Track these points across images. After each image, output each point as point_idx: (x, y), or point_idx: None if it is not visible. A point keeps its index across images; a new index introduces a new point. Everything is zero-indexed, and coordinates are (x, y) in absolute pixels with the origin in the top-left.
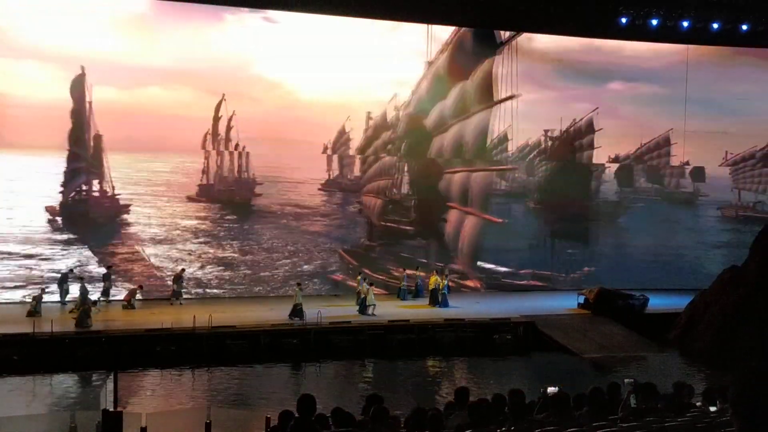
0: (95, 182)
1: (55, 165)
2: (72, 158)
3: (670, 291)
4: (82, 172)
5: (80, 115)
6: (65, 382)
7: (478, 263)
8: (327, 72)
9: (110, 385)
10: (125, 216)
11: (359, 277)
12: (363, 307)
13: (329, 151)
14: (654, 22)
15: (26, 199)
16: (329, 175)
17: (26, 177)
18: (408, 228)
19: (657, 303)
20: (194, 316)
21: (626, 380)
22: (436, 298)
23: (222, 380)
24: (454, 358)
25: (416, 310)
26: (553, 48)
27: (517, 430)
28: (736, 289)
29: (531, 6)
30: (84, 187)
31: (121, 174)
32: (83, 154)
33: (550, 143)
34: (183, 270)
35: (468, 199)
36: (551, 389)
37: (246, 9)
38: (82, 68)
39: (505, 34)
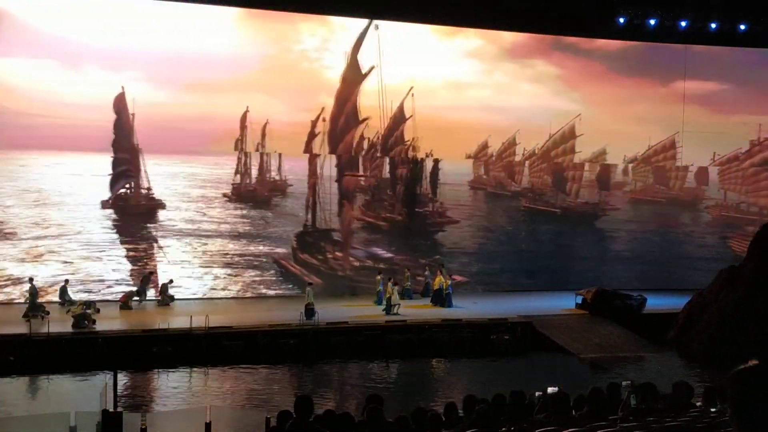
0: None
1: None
2: (116, 162)
3: (669, 291)
4: (124, 174)
5: (122, 127)
6: (63, 383)
7: None
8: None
9: (107, 385)
10: (160, 211)
11: (379, 277)
12: (388, 307)
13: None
14: (652, 21)
15: (81, 197)
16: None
17: (81, 176)
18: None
19: (655, 303)
20: (191, 317)
21: (624, 383)
22: (441, 298)
23: (219, 381)
24: (452, 358)
25: (418, 310)
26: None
27: (517, 430)
28: (734, 289)
29: (529, 6)
30: (126, 187)
31: (158, 175)
32: (125, 159)
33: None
34: (151, 273)
35: None
36: (551, 389)
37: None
38: (123, 88)
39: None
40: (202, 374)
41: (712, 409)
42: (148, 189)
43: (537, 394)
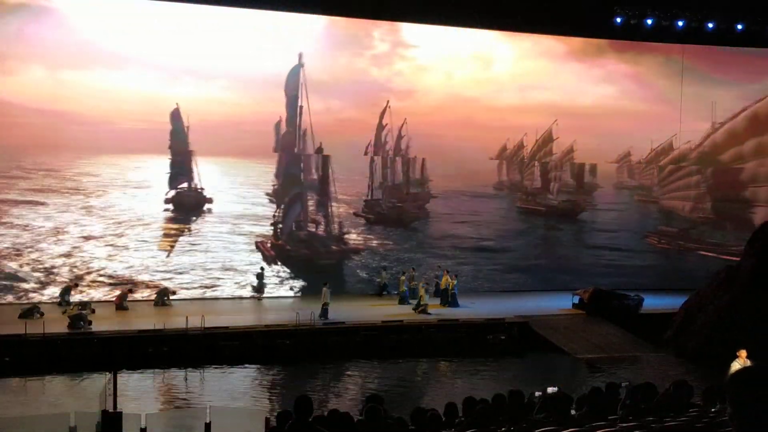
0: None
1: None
2: (173, 164)
3: (666, 291)
4: (179, 175)
5: (178, 136)
6: (60, 384)
7: None
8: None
9: (103, 386)
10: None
11: (403, 277)
12: (418, 306)
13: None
14: (649, 21)
15: (147, 196)
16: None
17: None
18: None
19: (652, 303)
20: (186, 317)
21: (623, 383)
22: (447, 298)
23: (216, 381)
24: (448, 358)
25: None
26: None
27: (517, 430)
28: (731, 288)
29: (526, 6)
30: (183, 186)
31: (210, 175)
32: (180, 161)
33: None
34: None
35: None
36: (551, 389)
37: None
38: (177, 105)
39: None
40: (198, 374)
41: (712, 409)
42: (201, 188)
43: (537, 393)
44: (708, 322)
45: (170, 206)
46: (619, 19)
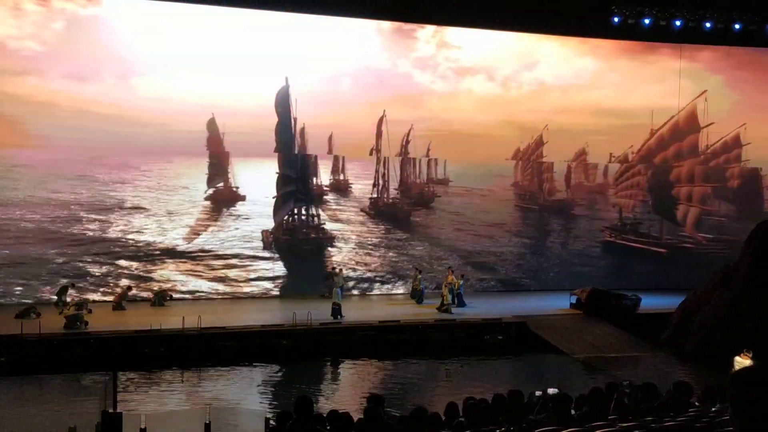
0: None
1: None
2: (210, 167)
3: (664, 291)
4: (215, 175)
5: (215, 141)
6: (57, 384)
7: None
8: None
9: (102, 387)
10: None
11: (420, 276)
12: (441, 306)
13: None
14: (646, 21)
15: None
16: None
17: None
18: None
19: (649, 303)
20: (183, 318)
21: (624, 383)
22: (453, 298)
23: (212, 381)
24: (446, 358)
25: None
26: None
27: (517, 430)
28: (728, 288)
29: (523, 6)
30: (219, 185)
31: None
32: (216, 163)
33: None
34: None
35: None
36: (551, 390)
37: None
38: (213, 114)
39: None
40: (195, 374)
41: (712, 409)
42: (236, 187)
43: (537, 393)
44: (705, 322)
45: (208, 203)
46: (616, 19)
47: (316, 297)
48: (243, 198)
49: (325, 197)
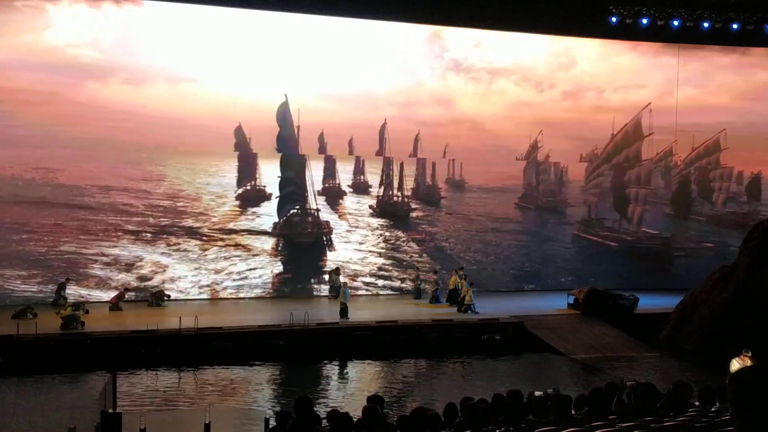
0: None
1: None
2: (239, 169)
3: (660, 291)
4: (244, 177)
5: (242, 147)
6: (55, 384)
7: None
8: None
9: (102, 387)
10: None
11: (435, 276)
12: (461, 305)
13: None
14: (644, 21)
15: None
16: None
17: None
18: None
19: (647, 303)
20: (180, 318)
21: (628, 383)
22: (456, 299)
23: (211, 381)
24: (442, 358)
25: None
26: None
27: (516, 430)
28: (726, 288)
29: (520, 5)
30: (249, 185)
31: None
32: (243, 165)
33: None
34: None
35: None
36: (551, 390)
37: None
38: (240, 123)
39: None
40: (192, 375)
41: (712, 409)
42: (263, 186)
43: (537, 393)
44: (703, 321)
45: (238, 201)
46: (614, 19)
47: (309, 297)
48: (269, 197)
49: (344, 197)
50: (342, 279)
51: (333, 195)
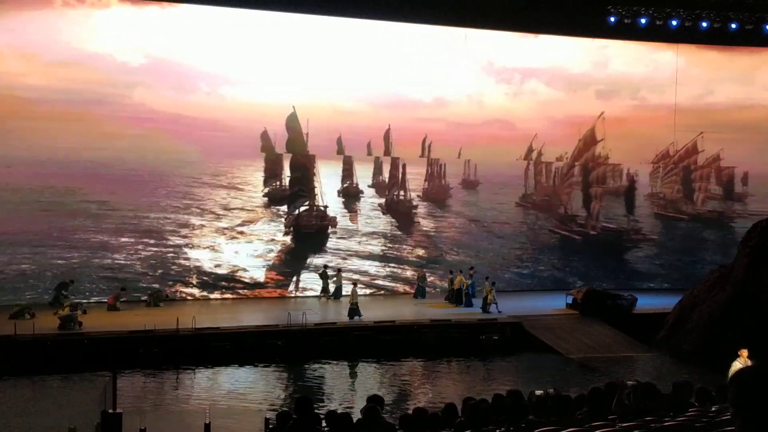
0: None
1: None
2: (266, 170)
3: (658, 291)
4: (270, 177)
5: (268, 149)
6: (53, 384)
7: None
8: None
9: (102, 387)
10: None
11: (455, 276)
12: (485, 305)
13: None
14: (643, 20)
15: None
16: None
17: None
18: None
19: (646, 303)
20: (177, 318)
21: (629, 382)
22: (461, 298)
23: (207, 381)
24: (440, 358)
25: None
26: None
27: (516, 430)
28: (724, 288)
29: (518, 5)
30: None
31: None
32: (270, 167)
33: None
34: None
35: None
36: (550, 391)
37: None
38: (265, 128)
39: None
40: (190, 375)
41: (711, 409)
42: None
43: (537, 393)
44: (701, 321)
45: (266, 199)
46: (612, 19)
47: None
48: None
49: (361, 197)
50: (337, 279)
51: (350, 195)
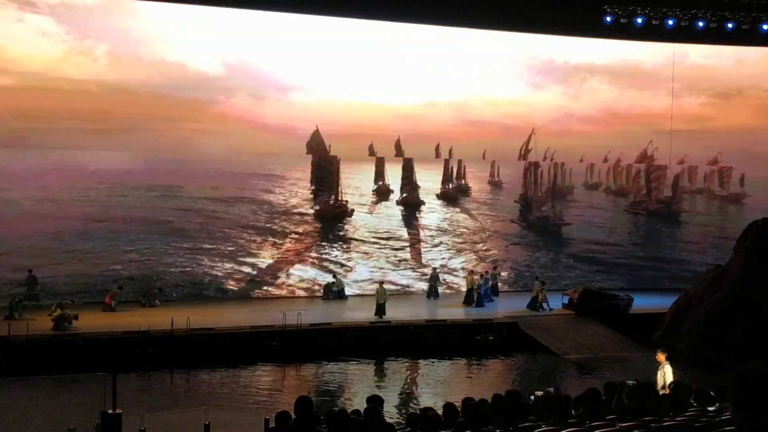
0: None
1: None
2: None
3: (656, 291)
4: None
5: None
6: (53, 385)
7: None
8: None
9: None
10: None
11: (474, 277)
12: (534, 305)
13: None
14: (639, 20)
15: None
16: None
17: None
18: None
19: (642, 303)
20: (172, 319)
21: (629, 382)
22: (471, 298)
23: (204, 382)
24: (437, 358)
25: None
26: None
27: (515, 430)
28: (720, 288)
29: (517, 5)
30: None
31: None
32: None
33: None
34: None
35: None
36: (550, 390)
37: None
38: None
39: None
40: (184, 375)
41: (710, 408)
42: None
43: (537, 393)
44: (697, 321)
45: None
46: (608, 18)
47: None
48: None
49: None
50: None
51: (382, 193)
